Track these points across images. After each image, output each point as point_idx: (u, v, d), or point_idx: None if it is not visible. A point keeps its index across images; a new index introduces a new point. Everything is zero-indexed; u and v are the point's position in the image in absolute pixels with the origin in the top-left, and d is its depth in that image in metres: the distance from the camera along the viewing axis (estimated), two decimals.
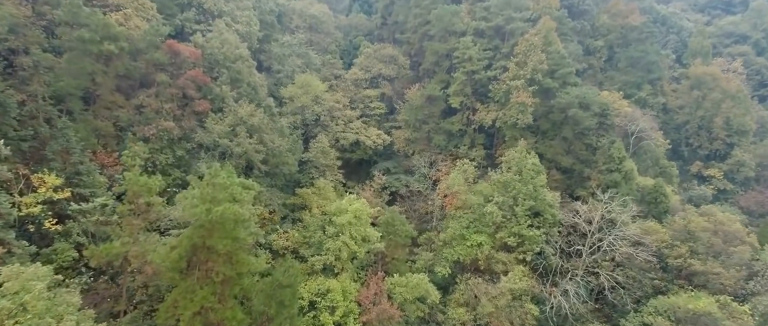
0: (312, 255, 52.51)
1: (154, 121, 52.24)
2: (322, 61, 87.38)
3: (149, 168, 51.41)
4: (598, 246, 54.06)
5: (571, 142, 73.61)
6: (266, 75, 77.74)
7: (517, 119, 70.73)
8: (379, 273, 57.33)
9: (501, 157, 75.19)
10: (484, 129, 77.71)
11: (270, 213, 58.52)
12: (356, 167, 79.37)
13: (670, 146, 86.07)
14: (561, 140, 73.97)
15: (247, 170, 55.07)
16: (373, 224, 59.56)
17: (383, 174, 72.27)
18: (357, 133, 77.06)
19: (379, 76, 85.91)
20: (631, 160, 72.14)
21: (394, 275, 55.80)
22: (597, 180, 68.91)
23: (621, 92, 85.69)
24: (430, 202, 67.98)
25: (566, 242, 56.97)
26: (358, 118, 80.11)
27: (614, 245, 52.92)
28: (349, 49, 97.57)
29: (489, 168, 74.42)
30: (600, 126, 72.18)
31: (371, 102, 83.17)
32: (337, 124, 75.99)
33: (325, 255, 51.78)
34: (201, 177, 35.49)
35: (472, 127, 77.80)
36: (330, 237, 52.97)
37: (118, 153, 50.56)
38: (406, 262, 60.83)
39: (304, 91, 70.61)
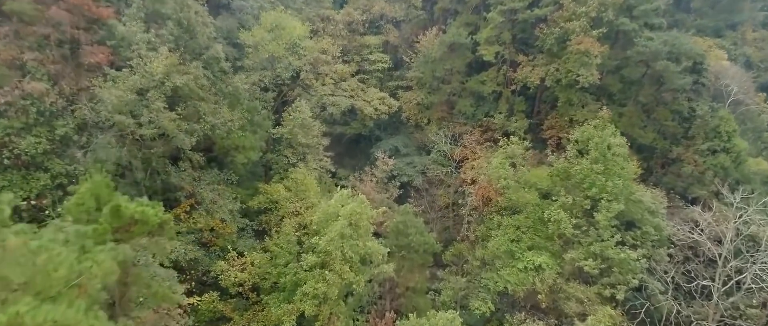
0: (281, 303, 32.50)
1: (12, 82, 31.00)
2: None
3: (6, 160, 30.97)
4: (738, 282, 34.22)
5: (652, 109, 53.23)
6: (225, 15, 55.45)
7: (578, 75, 49.63)
8: (387, 314, 37.99)
9: (550, 130, 54.79)
10: (526, 90, 56.54)
11: (221, 222, 38.28)
12: (351, 147, 58.54)
13: None
14: (635, 106, 53.59)
15: (175, 161, 34.18)
16: (376, 234, 40.02)
17: (390, 157, 51.42)
18: (352, 96, 55.83)
19: (381, 18, 63.94)
20: None
21: (410, 315, 36.45)
22: (693, 162, 48.88)
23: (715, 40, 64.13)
24: (459, 198, 47.74)
25: (683, 273, 36.92)
26: (353, 75, 58.82)
27: (763, 279, 33.14)
28: None
29: (533, 147, 54.15)
30: (694, 87, 51.54)
31: (371, 53, 61.67)
32: (323, 84, 54.46)
33: (302, 301, 31.89)
34: None
35: (511, 87, 56.55)
36: (309, 271, 32.99)
37: None
38: (427, 293, 41.33)
39: (275, 36, 48.42)
